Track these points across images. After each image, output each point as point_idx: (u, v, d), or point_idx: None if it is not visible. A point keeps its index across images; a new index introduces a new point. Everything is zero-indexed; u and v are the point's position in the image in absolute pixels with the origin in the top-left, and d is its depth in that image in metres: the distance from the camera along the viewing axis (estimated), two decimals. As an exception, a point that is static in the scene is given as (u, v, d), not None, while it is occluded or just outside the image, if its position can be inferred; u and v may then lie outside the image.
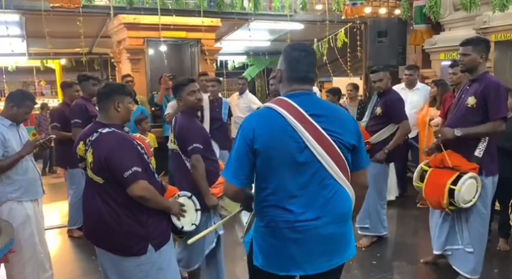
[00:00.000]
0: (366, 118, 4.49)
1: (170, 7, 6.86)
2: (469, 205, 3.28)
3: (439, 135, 3.40)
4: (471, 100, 3.27)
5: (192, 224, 2.65)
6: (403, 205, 5.57)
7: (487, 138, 3.27)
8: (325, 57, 8.55)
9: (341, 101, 6.09)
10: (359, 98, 6.86)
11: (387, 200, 5.33)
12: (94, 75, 5.00)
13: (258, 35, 9.99)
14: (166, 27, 6.73)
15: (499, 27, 5.33)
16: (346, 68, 8.28)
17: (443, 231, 3.55)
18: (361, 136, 1.97)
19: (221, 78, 7.51)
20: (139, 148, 2.43)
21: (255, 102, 6.43)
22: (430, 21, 6.59)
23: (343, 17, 6.96)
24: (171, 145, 3.25)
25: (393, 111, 4.22)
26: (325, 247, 1.86)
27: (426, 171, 3.50)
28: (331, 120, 1.87)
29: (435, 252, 3.68)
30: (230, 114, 6.09)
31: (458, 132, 3.26)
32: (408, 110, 4.46)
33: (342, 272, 2.07)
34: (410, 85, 5.40)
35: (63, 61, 11.36)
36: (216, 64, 11.69)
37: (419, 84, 5.56)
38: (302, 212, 1.83)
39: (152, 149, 4.57)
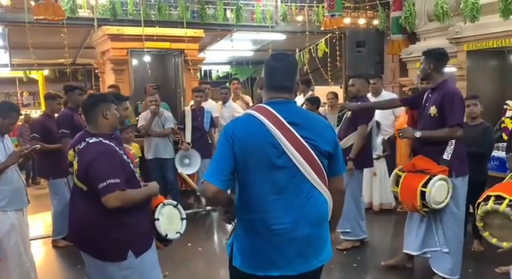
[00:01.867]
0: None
1: (154, 18, 6.97)
2: (441, 206, 3.43)
3: (401, 134, 3.65)
4: (433, 110, 3.48)
5: (177, 233, 2.70)
6: (383, 210, 5.71)
7: (454, 141, 3.44)
8: (306, 67, 8.74)
9: (321, 109, 6.24)
10: (339, 106, 7.01)
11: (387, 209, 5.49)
12: (80, 85, 5.08)
13: (241, 45, 10.13)
14: (150, 38, 6.82)
15: (471, 37, 5.56)
16: (327, 77, 8.47)
17: (420, 233, 3.68)
18: (337, 144, 2.08)
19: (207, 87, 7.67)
20: (124, 157, 2.51)
21: (238, 111, 6.53)
22: (406, 31, 6.82)
23: (322, 28, 7.14)
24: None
25: (356, 116, 4.40)
26: (302, 249, 1.95)
27: (400, 176, 3.65)
28: (309, 127, 1.97)
29: (411, 252, 3.79)
30: (213, 124, 6.20)
31: (418, 134, 3.47)
32: (376, 116, 4.63)
33: (324, 275, 2.16)
34: (376, 93, 5.61)
35: (46, 72, 11.33)
36: (200, 74, 11.79)
37: (384, 92, 5.77)
38: (280, 215, 1.92)
39: (137, 159, 4.64)
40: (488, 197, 2.68)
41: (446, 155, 3.43)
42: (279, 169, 1.92)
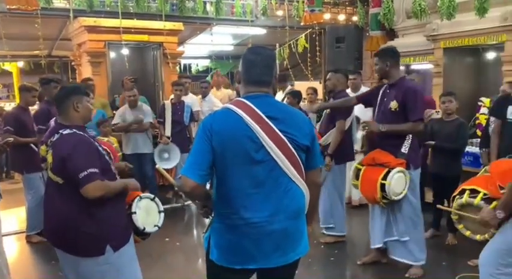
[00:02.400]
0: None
1: (132, 10, 6.86)
2: (400, 197, 3.55)
3: (366, 127, 3.75)
4: (394, 105, 3.57)
5: (155, 226, 2.69)
6: (362, 204, 5.77)
7: (411, 135, 3.58)
8: (286, 62, 8.75)
9: (301, 104, 6.26)
10: (318, 101, 7.05)
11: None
12: (56, 78, 4.96)
13: (221, 39, 10.07)
14: (128, 31, 6.70)
15: (447, 35, 5.65)
16: (307, 72, 8.49)
17: (382, 225, 3.79)
18: (315, 138, 2.09)
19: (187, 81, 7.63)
20: (100, 149, 2.47)
21: (217, 105, 6.51)
22: (385, 28, 6.88)
23: (302, 23, 7.15)
24: None
25: (334, 111, 4.45)
26: (279, 242, 1.96)
27: (360, 169, 3.73)
28: (287, 122, 1.98)
29: (376, 246, 3.88)
30: (193, 118, 6.16)
31: (383, 127, 3.58)
32: (356, 112, 4.66)
33: (301, 268, 2.19)
34: (355, 89, 5.67)
35: (20, 64, 11.05)
36: (180, 67, 11.69)
37: (363, 88, 5.83)
38: (257, 209, 1.93)
39: (120, 153, 4.57)
40: (463, 191, 2.74)
41: (404, 149, 3.57)
42: (258, 163, 1.92)
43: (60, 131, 2.42)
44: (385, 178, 3.47)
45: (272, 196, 1.94)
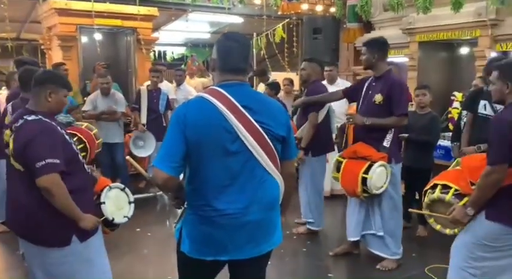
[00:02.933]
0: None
1: None
2: (380, 191, 3.56)
3: (350, 119, 3.74)
4: (378, 98, 3.56)
5: (124, 217, 2.63)
6: (334, 195, 5.80)
7: (393, 130, 3.58)
8: (263, 52, 8.66)
9: (279, 95, 6.22)
10: (295, 93, 7.03)
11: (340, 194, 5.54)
12: (32, 60, 4.72)
13: (197, 26, 9.92)
14: (101, 15, 6.50)
15: (423, 28, 5.69)
16: (284, 63, 8.44)
17: (360, 218, 3.81)
18: (290, 128, 2.05)
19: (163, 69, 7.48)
20: (66, 137, 2.37)
21: (192, 94, 6.40)
22: (362, 20, 6.88)
23: (279, 13, 7.08)
24: None
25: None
26: (253, 234, 1.93)
27: (341, 162, 3.72)
28: (263, 111, 1.93)
29: (351, 238, 3.90)
30: (169, 106, 6.05)
31: (367, 121, 3.57)
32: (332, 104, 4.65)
33: (274, 259, 2.16)
34: (331, 80, 5.67)
35: (-14, 46, 10.59)
36: (154, 54, 11.47)
37: (339, 80, 5.84)
38: (231, 200, 1.88)
39: (100, 140, 4.41)
40: (435, 186, 2.76)
41: (386, 143, 3.57)
42: (232, 154, 1.87)
43: (25, 116, 2.31)
44: (366, 171, 3.46)
45: (247, 187, 1.90)
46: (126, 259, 3.94)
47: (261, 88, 6.12)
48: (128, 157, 2.68)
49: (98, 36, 6.85)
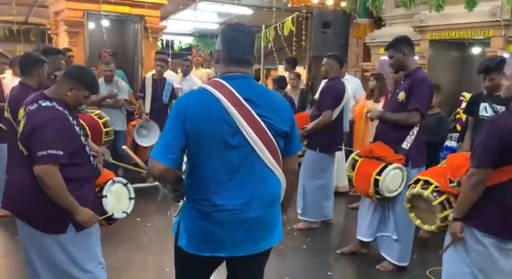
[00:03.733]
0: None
1: None
2: (394, 194, 3.44)
3: (369, 114, 3.76)
4: (402, 95, 3.45)
5: (123, 212, 2.61)
6: (338, 192, 5.75)
7: (415, 131, 3.43)
8: (271, 44, 8.59)
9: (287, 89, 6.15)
10: (301, 87, 6.96)
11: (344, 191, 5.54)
12: (58, 49, 4.71)
13: (206, 16, 9.85)
14: (108, 1, 6.45)
15: (434, 27, 5.60)
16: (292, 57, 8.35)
17: (374, 219, 3.70)
18: (294, 123, 1.99)
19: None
20: (76, 129, 2.37)
21: (198, 84, 6.32)
22: (373, 15, 6.79)
23: (289, 5, 6.99)
24: None
25: (321, 98, 4.38)
26: (252, 231, 1.88)
27: (357, 161, 3.63)
28: (266, 106, 1.87)
29: (364, 239, 3.81)
30: (173, 96, 6.00)
31: (379, 112, 3.57)
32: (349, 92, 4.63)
33: (274, 255, 2.11)
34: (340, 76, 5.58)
35: (-5, 29, 10.57)
36: (162, 44, 11.39)
37: (347, 76, 5.78)
38: (231, 196, 1.84)
39: (111, 128, 4.40)
40: (418, 181, 2.76)
41: (406, 145, 3.43)
42: (233, 148, 1.81)
43: (40, 101, 2.31)
44: (380, 173, 3.36)
45: (247, 183, 1.85)
46: (126, 248, 3.92)
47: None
48: (124, 147, 2.65)
49: (105, 23, 6.80)
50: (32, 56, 3.47)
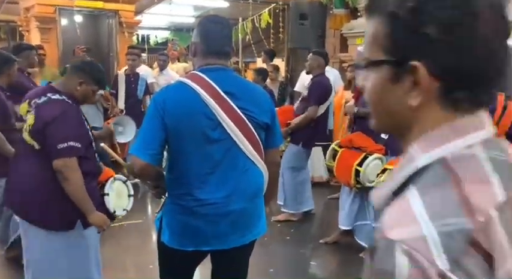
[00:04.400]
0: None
1: None
2: (374, 183, 3.47)
3: (346, 110, 3.80)
4: None
5: (124, 210, 2.60)
6: (315, 183, 5.78)
7: None
8: (249, 36, 8.54)
9: (267, 82, 6.14)
10: (280, 80, 6.95)
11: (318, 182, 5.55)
12: (31, 45, 4.63)
13: (181, 10, 9.73)
14: (81, -4, 6.33)
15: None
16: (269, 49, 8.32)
17: (354, 207, 3.75)
18: (275, 115, 1.99)
19: (143, 54, 7.30)
20: (86, 123, 2.36)
21: (175, 79, 6.24)
22: (349, 6, 6.80)
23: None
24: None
25: (309, 93, 4.38)
26: (236, 224, 1.89)
27: (337, 151, 3.66)
28: (246, 98, 1.87)
29: (343, 227, 3.86)
30: (148, 91, 5.92)
31: (355, 109, 3.59)
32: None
33: (257, 247, 2.13)
34: None
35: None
36: (137, 38, 11.22)
37: (327, 67, 5.78)
38: (213, 190, 1.83)
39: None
40: (384, 170, 2.86)
41: (384, 134, 3.48)
42: (214, 142, 1.81)
43: (49, 94, 2.25)
44: (360, 164, 3.40)
45: (229, 176, 1.85)
46: (107, 247, 3.86)
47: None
48: (102, 145, 2.62)
49: (78, 18, 6.66)
50: (1, 56, 3.38)
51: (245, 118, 1.84)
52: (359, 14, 6.84)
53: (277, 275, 3.56)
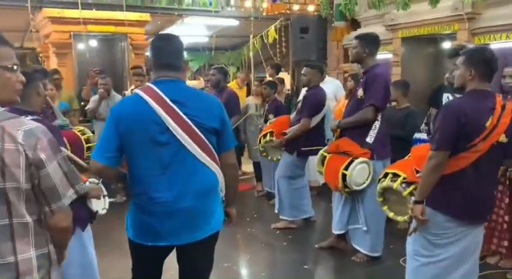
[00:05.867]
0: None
1: (90, 1, 6.88)
2: (361, 187, 3.57)
3: (330, 125, 3.84)
4: (360, 92, 3.59)
5: (103, 209, 2.76)
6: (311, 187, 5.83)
7: (377, 125, 3.56)
8: (260, 53, 8.75)
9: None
10: (286, 92, 7.13)
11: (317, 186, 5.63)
12: (41, 68, 4.90)
13: (195, 30, 10.07)
14: (94, 21, 6.73)
15: (404, 25, 5.76)
16: (278, 63, 8.51)
17: (345, 211, 3.83)
18: (224, 121, 2.15)
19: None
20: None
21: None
22: (348, 18, 6.96)
23: (264, 14, 7.18)
24: None
25: (302, 106, 4.53)
26: (186, 221, 2.05)
27: (325, 157, 3.77)
28: (192, 105, 2.05)
29: (336, 232, 3.94)
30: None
31: (338, 123, 3.68)
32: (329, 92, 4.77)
33: (254, 254, 2.23)
34: None
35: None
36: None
37: (328, 78, 5.92)
38: (163, 189, 2.02)
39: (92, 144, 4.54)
40: (386, 174, 2.85)
41: (369, 139, 3.56)
42: (163, 145, 2.00)
43: (22, 117, 2.45)
44: (347, 168, 3.48)
45: (178, 176, 2.02)
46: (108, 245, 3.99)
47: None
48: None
49: (92, 43, 7.06)
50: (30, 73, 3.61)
51: (191, 124, 2.02)
52: (359, 25, 6.99)
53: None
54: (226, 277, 3.59)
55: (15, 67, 1.51)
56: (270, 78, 7.02)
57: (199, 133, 2.04)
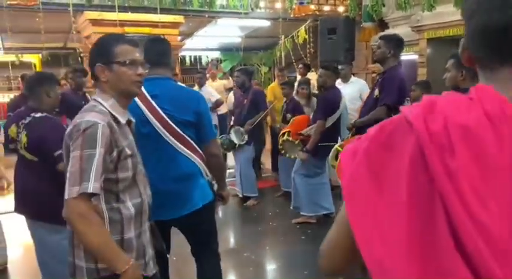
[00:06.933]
0: None
1: (126, 4, 7.29)
2: None
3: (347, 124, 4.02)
4: (376, 92, 3.70)
5: None
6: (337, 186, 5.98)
7: None
8: (291, 53, 8.92)
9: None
10: (313, 92, 7.24)
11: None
12: (82, 68, 5.29)
13: (228, 31, 10.35)
14: (131, 24, 7.11)
15: (430, 26, 5.78)
16: (308, 63, 8.65)
17: None
18: (201, 114, 2.35)
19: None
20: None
21: (213, 95, 6.82)
22: (375, 19, 7.02)
23: (291, 15, 7.33)
24: None
25: (317, 107, 4.67)
26: (167, 200, 2.26)
27: (340, 151, 3.90)
28: (167, 99, 2.29)
29: None
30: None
31: (354, 123, 3.88)
32: (346, 101, 4.87)
33: (272, 246, 2.41)
34: (344, 78, 5.84)
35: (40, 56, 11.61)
36: (190, 59, 12.05)
37: (353, 78, 6.00)
38: (150, 172, 2.16)
39: None
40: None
41: None
42: (145, 136, 2.24)
43: (32, 114, 2.67)
44: None
45: (159, 162, 2.28)
46: None
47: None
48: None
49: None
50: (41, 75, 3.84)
51: (165, 116, 2.25)
52: (387, 26, 7.04)
53: (281, 270, 3.87)
54: (244, 265, 3.85)
55: (127, 61, 1.75)
56: (300, 77, 7.17)
57: (172, 125, 2.27)
